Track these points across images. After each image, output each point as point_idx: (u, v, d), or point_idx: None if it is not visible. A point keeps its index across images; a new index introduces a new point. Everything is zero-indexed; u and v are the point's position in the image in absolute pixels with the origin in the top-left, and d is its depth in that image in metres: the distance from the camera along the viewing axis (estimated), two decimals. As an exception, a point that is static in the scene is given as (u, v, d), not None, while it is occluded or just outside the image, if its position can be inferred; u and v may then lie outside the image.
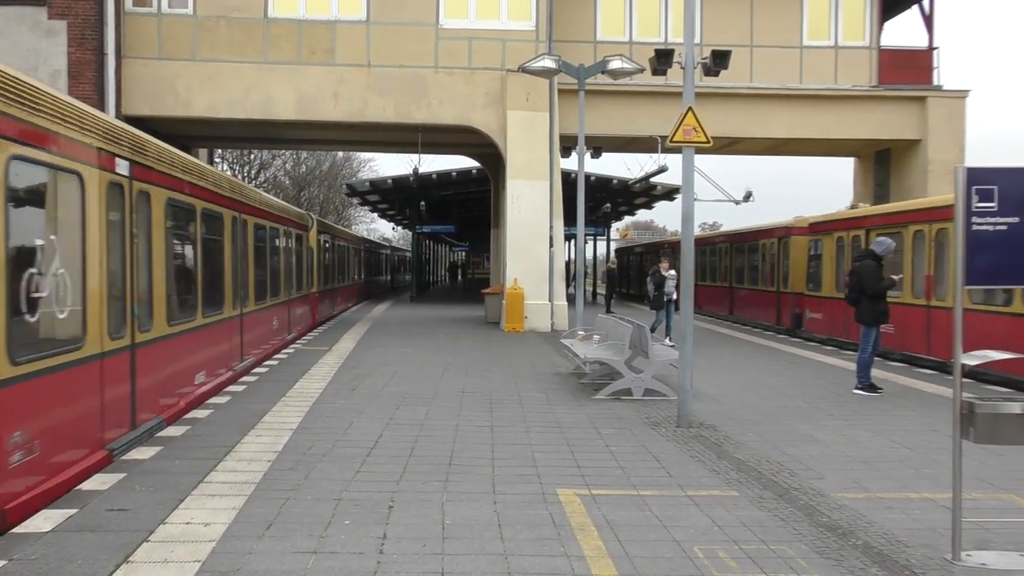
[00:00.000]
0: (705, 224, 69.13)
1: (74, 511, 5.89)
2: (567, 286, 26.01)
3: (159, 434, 8.36)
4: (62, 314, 6.54)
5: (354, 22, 21.62)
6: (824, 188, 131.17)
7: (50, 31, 19.47)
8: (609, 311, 25.61)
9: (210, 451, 7.76)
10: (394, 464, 7.44)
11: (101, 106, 19.24)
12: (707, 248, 30.68)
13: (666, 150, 23.19)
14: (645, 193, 34.85)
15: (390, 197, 39.82)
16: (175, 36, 21.07)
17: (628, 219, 59.58)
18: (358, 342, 17.95)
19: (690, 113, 9.38)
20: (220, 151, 46.07)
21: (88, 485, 6.55)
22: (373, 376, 12.82)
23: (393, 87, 21.68)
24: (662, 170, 26.75)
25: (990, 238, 5.23)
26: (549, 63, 17.35)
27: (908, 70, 24.26)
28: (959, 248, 5.27)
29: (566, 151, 24.42)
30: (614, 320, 13.21)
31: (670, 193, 34.75)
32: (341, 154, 63.36)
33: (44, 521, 5.67)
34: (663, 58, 12.97)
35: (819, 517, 6.10)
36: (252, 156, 55.02)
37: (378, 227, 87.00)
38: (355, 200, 52.64)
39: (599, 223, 40.10)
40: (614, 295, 32.92)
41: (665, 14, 23.75)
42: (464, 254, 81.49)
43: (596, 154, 28.73)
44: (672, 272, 18.98)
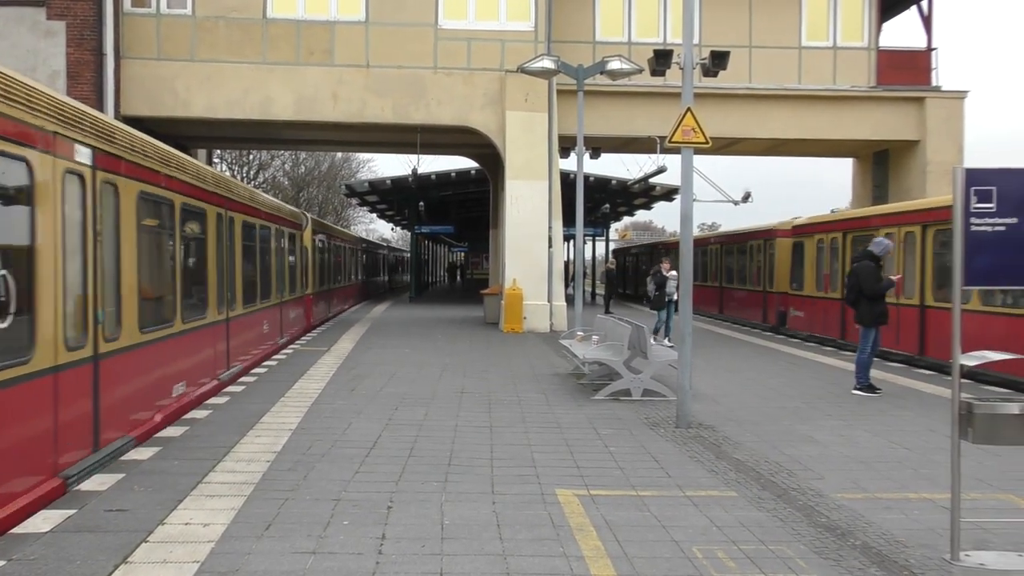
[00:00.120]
0: (704, 224, 69.24)
1: (73, 511, 5.89)
2: (566, 287, 25.99)
3: (126, 456, 7.45)
4: (3, 323, 5.78)
5: (353, 23, 21.63)
6: (823, 189, 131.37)
7: (49, 32, 19.47)
8: (608, 312, 25.61)
9: (209, 451, 7.76)
10: (393, 464, 7.44)
11: (100, 107, 19.21)
12: (698, 249, 30.86)
13: (665, 150, 23.25)
14: (644, 194, 34.83)
15: (389, 198, 39.81)
16: (174, 37, 21.08)
17: (627, 219, 59.52)
18: (357, 343, 17.95)
19: (689, 114, 9.38)
20: (219, 152, 46.09)
21: (87, 485, 6.54)
22: (372, 377, 12.82)
23: (392, 88, 21.69)
24: (661, 171, 26.79)
25: (989, 239, 5.24)
26: (548, 64, 17.37)
27: (907, 71, 24.29)
28: (957, 248, 5.28)
29: (565, 152, 24.40)
30: (613, 321, 13.21)
31: (669, 194, 34.75)
32: (340, 155, 63.41)
33: (43, 521, 5.67)
34: (662, 59, 12.98)
35: (818, 517, 6.10)
36: (251, 157, 55.05)
37: (377, 228, 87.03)
38: (354, 201, 52.70)
39: (598, 224, 40.10)
40: (613, 296, 32.92)
41: (664, 15, 23.77)
42: (463, 255, 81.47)
43: (595, 155, 28.73)
44: (674, 272, 19.00)
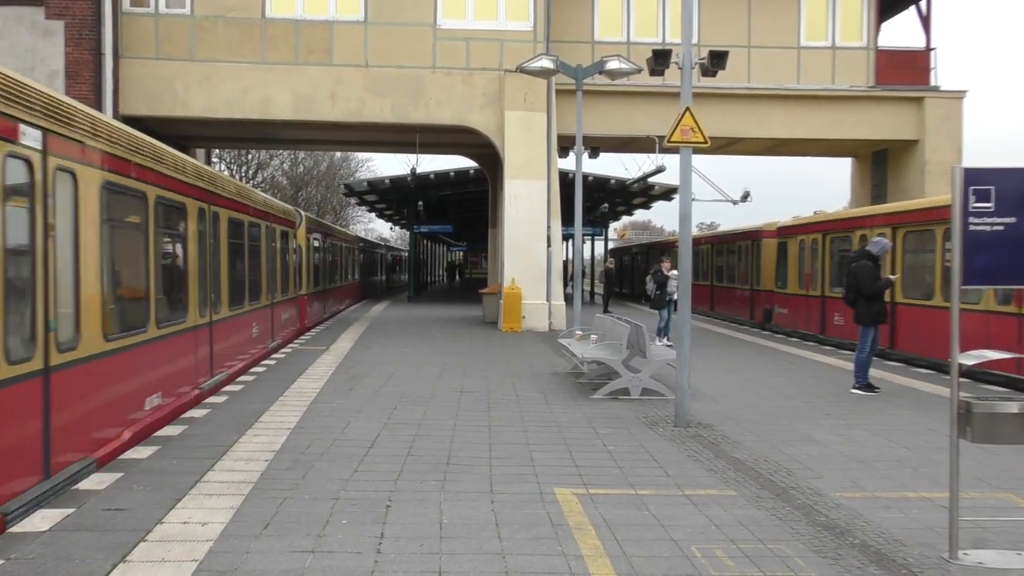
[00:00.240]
0: (703, 224, 69.17)
1: (71, 510, 5.88)
2: (565, 286, 26.00)
3: (81, 486, 6.54)
4: None
5: (352, 22, 21.62)
6: (822, 188, 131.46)
7: (48, 31, 19.46)
8: (607, 311, 25.61)
9: (207, 451, 7.75)
10: (392, 464, 7.43)
11: (98, 106, 19.19)
12: (691, 249, 30.98)
13: (664, 150, 23.29)
14: (643, 193, 34.82)
15: (388, 197, 39.78)
16: (172, 36, 21.07)
17: (626, 219, 59.58)
18: (355, 342, 17.95)
19: (688, 113, 9.39)
20: (218, 151, 46.09)
21: (85, 484, 6.54)
22: (371, 376, 12.82)
23: (391, 87, 21.69)
24: (660, 170, 26.80)
25: (987, 238, 5.24)
26: (547, 63, 17.37)
27: (905, 71, 24.31)
28: (956, 248, 5.28)
29: (564, 151, 24.41)
30: (612, 320, 13.21)
31: (668, 193, 34.74)
32: (339, 154, 63.47)
33: (41, 520, 5.66)
34: (661, 58, 12.99)
35: (817, 516, 6.11)
36: (250, 156, 55.05)
37: (376, 227, 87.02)
38: (353, 200, 52.68)
39: (597, 223, 40.07)
40: (612, 295, 32.93)
41: (663, 14, 23.77)
42: (462, 254, 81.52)
43: (594, 154, 28.75)
44: (675, 272, 19.01)
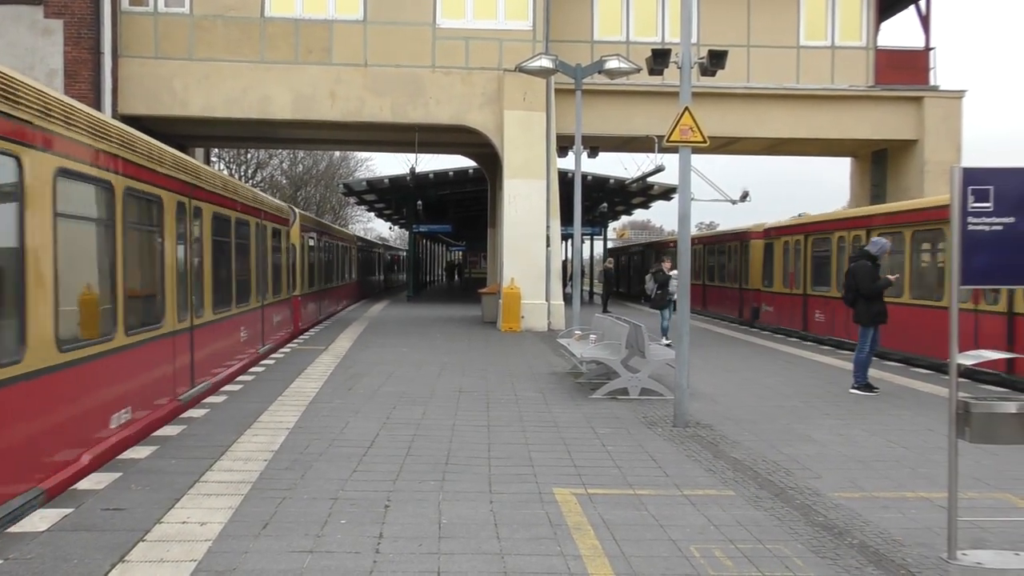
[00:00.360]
0: (702, 224, 69.05)
1: (70, 510, 5.88)
2: (564, 286, 26.00)
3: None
4: None
5: (351, 21, 21.61)
6: (822, 188, 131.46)
7: (46, 30, 19.44)
8: (606, 311, 25.62)
9: (206, 450, 7.75)
10: (391, 463, 7.43)
11: (98, 105, 19.17)
12: None
13: (663, 150, 23.29)
14: (642, 193, 34.81)
15: (387, 197, 39.77)
16: (172, 35, 21.06)
17: (625, 219, 59.56)
18: (354, 341, 17.94)
19: (687, 113, 9.38)
20: (217, 150, 46.08)
21: (84, 484, 6.52)
22: (370, 376, 12.81)
23: (390, 87, 21.68)
24: (659, 170, 26.80)
25: (986, 238, 5.24)
26: (546, 63, 17.37)
27: (905, 70, 24.31)
28: (955, 248, 5.28)
29: (563, 151, 24.42)
30: (611, 320, 13.21)
31: (667, 193, 34.73)
32: (338, 154, 63.43)
33: (40, 520, 5.65)
34: (660, 58, 12.98)
35: (815, 516, 6.11)
36: (249, 156, 55.05)
37: (375, 226, 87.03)
38: (352, 200, 52.67)
39: (596, 223, 40.04)
40: (611, 295, 32.93)
41: (662, 14, 23.78)
42: (461, 254, 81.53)
43: (593, 154, 28.74)
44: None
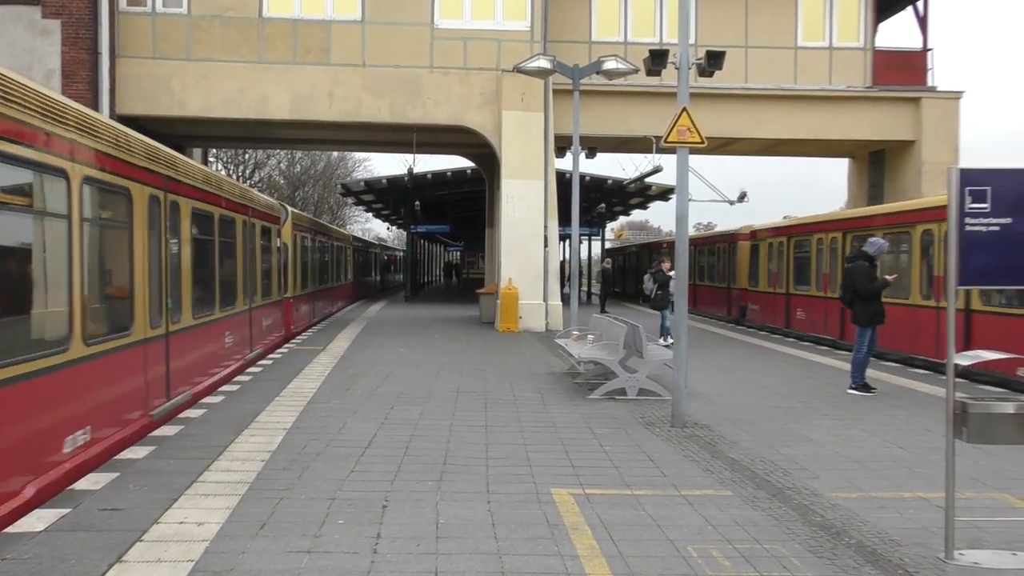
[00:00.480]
0: (700, 224, 69.00)
1: (67, 510, 5.87)
2: (562, 286, 26.01)
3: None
4: None
5: (349, 22, 21.61)
6: (820, 188, 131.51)
7: (44, 30, 19.42)
8: (604, 311, 25.62)
9: (204, 451, 7.75)
10: (388, 464, 7.43)
11: (95, 106, 19.17)
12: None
13: (661, 150, 23.26)
14: (640, 193, 34.84)
15: (385, 197, 39.78)
16: (169, 35, 21.04)
17: (623, 219, 59.52)
18: (352, 342, 17.93)
19: (684, 113, 9.39)
20: (214, 151, 46.05)
21: (81, 484, 6.52)
22: (367, 376, 12.81)
23: (388, 87, 21.67)
24: (657, 170, 26.80)
25: (983, 239, 5.24)
26: (544, 63, 17.36)
27: (902, 71, 24.34)
28: (952, 248, 5.28)
29: (561, 151, 24.41)
30: (608, 320, 13.21)
31: (665, 193, 34.74)
32: (336, 154, 63.42)
33: (37, 520, 5.65)
34: (658, 59, 12.98)
35: (813, 516, 6.11)
36: (247, 156, 55.00)
37: (373, 227, 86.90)
38: (350, 200, 52.66)
39: (594, 223, 40.07)
40: (609, 295, 32.94)
41: (660, 14, 23.78)
42: (459, 254, 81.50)
43: (591, 154, 28.71)
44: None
